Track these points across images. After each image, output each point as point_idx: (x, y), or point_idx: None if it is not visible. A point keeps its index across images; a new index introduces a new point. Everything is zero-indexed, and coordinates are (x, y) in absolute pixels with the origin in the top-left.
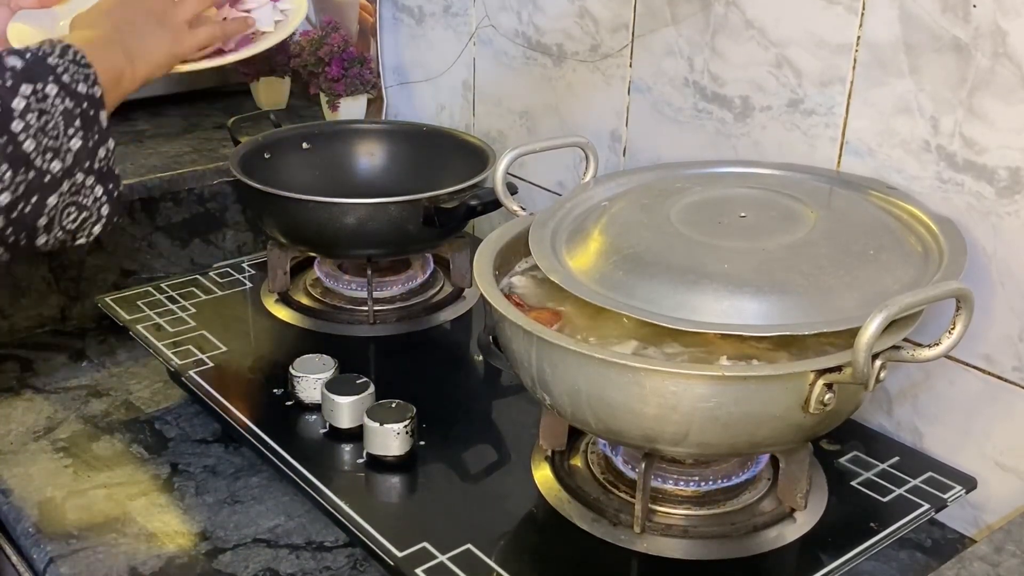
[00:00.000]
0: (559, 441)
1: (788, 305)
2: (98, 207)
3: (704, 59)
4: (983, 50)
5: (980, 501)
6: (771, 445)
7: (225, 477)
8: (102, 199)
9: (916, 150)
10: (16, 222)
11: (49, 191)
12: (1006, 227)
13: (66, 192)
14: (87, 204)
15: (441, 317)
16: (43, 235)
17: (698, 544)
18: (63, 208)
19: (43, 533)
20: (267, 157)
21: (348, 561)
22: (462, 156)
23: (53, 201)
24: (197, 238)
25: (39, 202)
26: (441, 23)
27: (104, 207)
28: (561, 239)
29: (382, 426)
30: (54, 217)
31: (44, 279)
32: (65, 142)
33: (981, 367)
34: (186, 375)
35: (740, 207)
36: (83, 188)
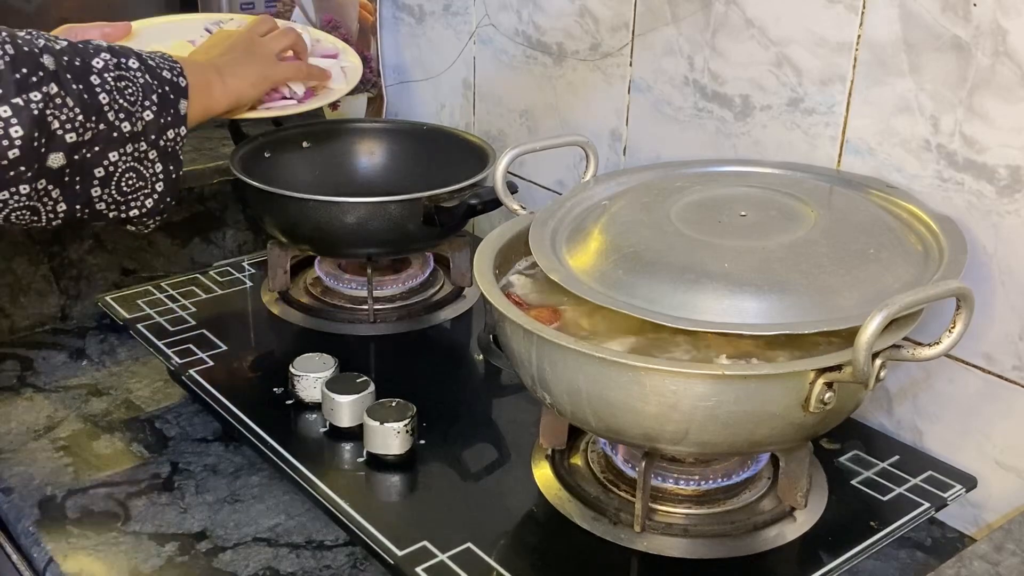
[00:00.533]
0: (559, 440)
1: (788, 304)
2: (154, 181)
3: (704, 58)
4: (983, 49)
5: (980, 500)
6: (771, 444)
7: (225, 476)
8: (159, 175)
9: (916, 149)
10: (76, 164)
11: (114, 146)
12: (1006, 226)
13: (128, 154)
14: (146, 175)
15: (441, 316)
16: (98, 187)
17: (698, 543)
18: (124, 169)
19: (43, 532)
20: (267, 156)
21: (348, 560)
22: (462, 155)
23: (114, 157)
24: (197, 237)
25: (101, 152)
26: (441, 22)
27: (159, 183)
28: (561, 238)
29: (382, 425)
30: (112, 173)
31: (44, 278)
32: (140, 109)
33: (981, 366)
34: (186, 374)
35: (740, 206)
36: (145, 158)
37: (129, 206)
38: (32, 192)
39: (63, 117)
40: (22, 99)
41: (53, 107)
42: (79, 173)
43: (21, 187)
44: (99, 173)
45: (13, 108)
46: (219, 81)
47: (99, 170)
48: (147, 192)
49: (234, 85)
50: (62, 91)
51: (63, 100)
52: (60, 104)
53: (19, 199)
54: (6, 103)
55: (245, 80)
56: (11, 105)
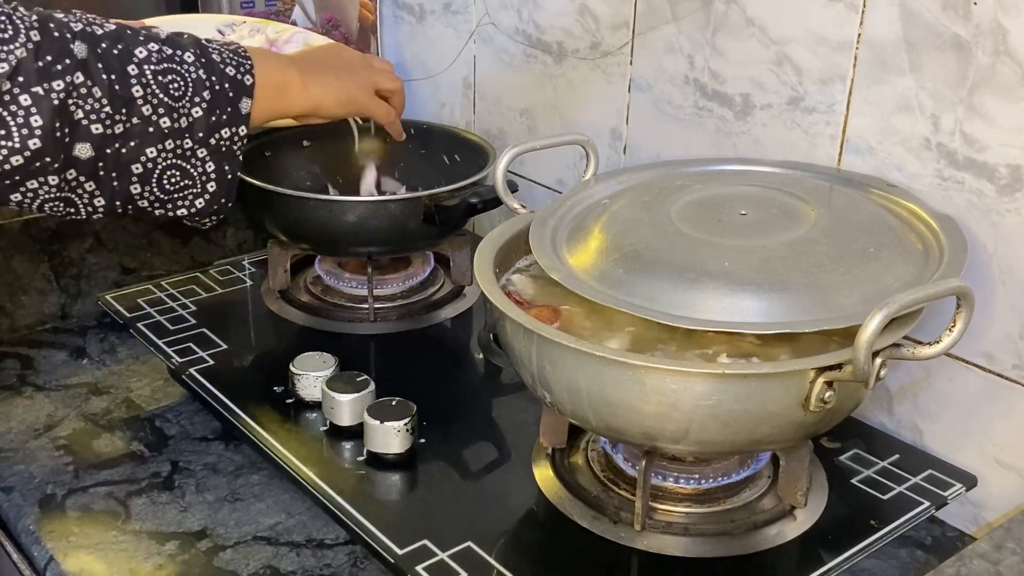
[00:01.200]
0: (559, 439)
1: (788, 303)
2: (203, 180)
3: (704, 57)
4: (984, 48)
5: (980, 499)
6: (771, 443)
7: (225, 475)
8: (211, 174)
9: (916, 148)
10: (108, 158)
11: (151, 142)
12: (1007, 225)
13: (169, 151)
14: (193, 173)
15: (442, 315)
16: (137, 183)
17: (698, 542)
18: (165, 167)
19: (43, 530)
20: (267, 155)
21: (348, 559)
22: (462, 154)
23: (152, 153)
24: (198, 235)
25: (137, 148)
26: (441, 21)
27: (211, 183)
28: (561, 237)
29: (382, 424)
30: (152, 170)
31: (44, 276)
32: (186, 105)
33: (981, 365)
34: (186, 373)
35: (740, 205)
36: (192, 156)
37: (176, 205)
38: (63, 183)
39: (87, 107)
40: (43, 88)
41: (77, 96)
42: (115, 168)
43: (50, 178)
44: (137, 169)
45: (33, 97)
46: (299, 84)
47: (137, 166)
48: (196, 191)
49: (316, 93)
50: (89, 80)
51: (89, 90)
52: (85, 94)
53: (49, 190)
54: (26, 92)
55: (329, 91)
56: (31, 94)
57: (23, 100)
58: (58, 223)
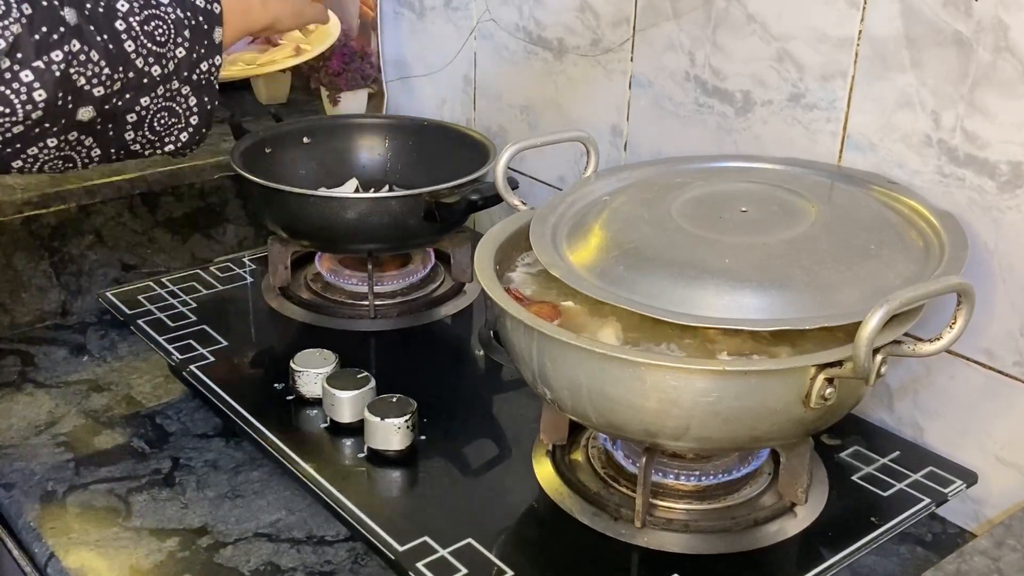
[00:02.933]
0: (560, 435)
1: (789, 300)
2: (187, 115)
3: (705, 53)
4: (985, 44)
5: (981, 496)
6: (772, 440)
7: (226, 471)
8: (193, 108)
9: (917, 144)
10: (107, 114)
11: (144, 92)
12: (1007, 222)
13: (160, 96)
14: (178, 111)
15: (442, 312)
16: (131, 131)
17: (699, 538)
18: (156, 111)
19: (44, 527)
20: (268, 152)
21: (349, 555)
22: (463, 151)
23: (146, 102)
24: (198, 233)
25: (132, 100)
26: (442, 17)
27: (194, 117)
28: (562, 234)
29: (383, 421)
30: (144, 117)
31: (45, 273)
32: (171, 49)
33: (982, 362)
34: (187, 370)
35: (741, 202)
36: (178, 95)
37: (164, 143)
38: (63, 143)
39: (88, 73)
40: (43, 61)
41: (77, 64)
42: (111, 121)
43: (49, 140)
44: (131, 119)
45: (35, 72)
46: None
47: (131, 115)
48: (181, 127)
49: (273, 8)
50: (85, 46)
51: (87, 56)
52: (84, 60)
53: (49, 152)
54: (27, 67)
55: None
56: (32, 69)
57: (24, 76)
58: (59, 220)
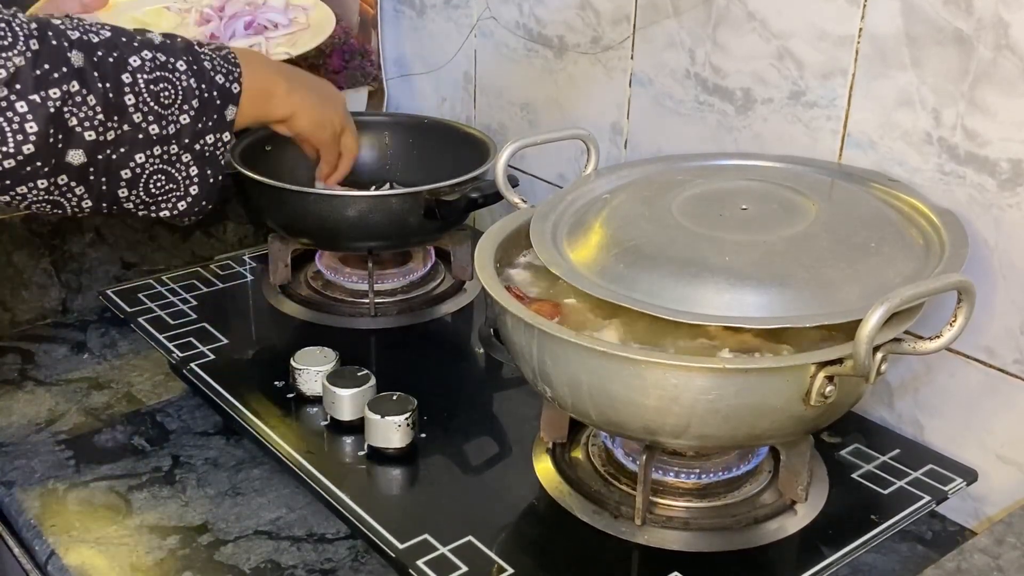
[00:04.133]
0: (560, 433)
1: (789, 297)
2: (187, 184)
3: (705, 51)
4: (985, 42)
5: (981, 493)
6: (772, 437)
7: (226, 469)
8: (194, 178)
9: (918, 142)
10: (99, 163)
11: (139, 148)
12: (1008, 219)
13: (156, 156)
14: (177, 177)
15: (442, 310)
16: (124, 188)
17: (699, 536)
18: (151, 172)
19: (45, 525)
20: (268, 149)
21: (349, 553)
22: (463, 148)
23: (140, 159)
24: (198, 230)
25: (127, 154)
26: (442, 15)
27: (194, 187)
28: (562, 232)
29: (383, 418)
30: (139, 175)
31: (45, 271)
32: (175, 112)
33: (982, 360)
34: (187, 367)
35: (741, 200)
36: (177, 161)
37: (160, 207)
38: (52, 187)
39: (82, 115)
40: (39, 96)
41: (72, 104)
42: (104, 173)
43: (39, 182)
44: (126, 175)
45: (30, 104)
46: (283, 92)
47: (126, 172)
48: (179, 195)
49: (296, 102)
50: (84, 88)
51: (84, 98)
52: (80, 102)
53: (38, 193)
54: (23, 99)
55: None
56: (28, 101)
57: (19, 107)
58: (59, 218)
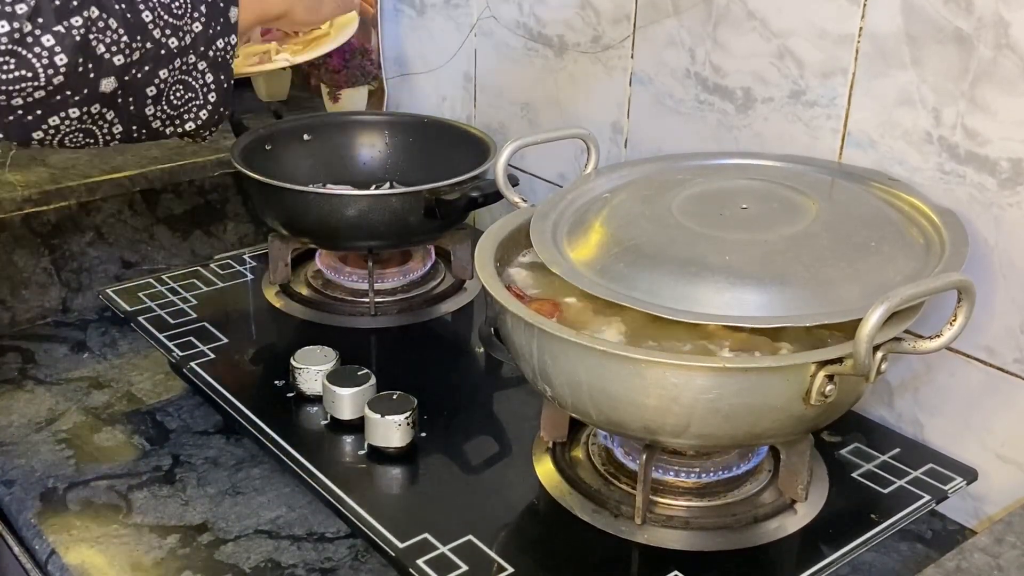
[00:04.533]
0: (560, 433)
1: (789, 296)
2: (205, 92)
3: (706, 50)
4: (985, 41)
5: (981, 492)
6: (772, 437)
7: (226, 468)
8: (211, 84)
9: (918, 141)
10: (128, 85)
11: (163, 64)
12: (1008, 219)
13: (177, 69)
14: (195, 86)
15: (442, 309)
16: (151, 105)
17: (699, 535)
18: (173, 83)
19: (45, 524)
20: (268, 149)
21: (350, 552)
22: (463, 148)
23: (164, 74)
24: (198, 230)
25: (151, 72)
26: (442, 14)
27: (212, 94)
28: (562, 231)
29: (383, 418)
30: (163, 90)
31: (45, 270)
32: (188, 22)
33: (982, 359)
34: (187, 367)
35: (742, 199)
36: (194, 70)
37: (183, 119)
38: (84, 115)
39: (108, 40)
40: (63, 26)
41: (96, 30)
42: (132, 94)
43: (71, 111)
44: (151, 92)
45: (56, 36)
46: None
47: (151, 88)
48: (199, 104)
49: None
50: (104, 13)
51: (106, 23)
52: (103, 27)
53: (70, 123)
54: (48, 31)
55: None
56: (53, 33)
57: (45, 40)
58: (59, 217)
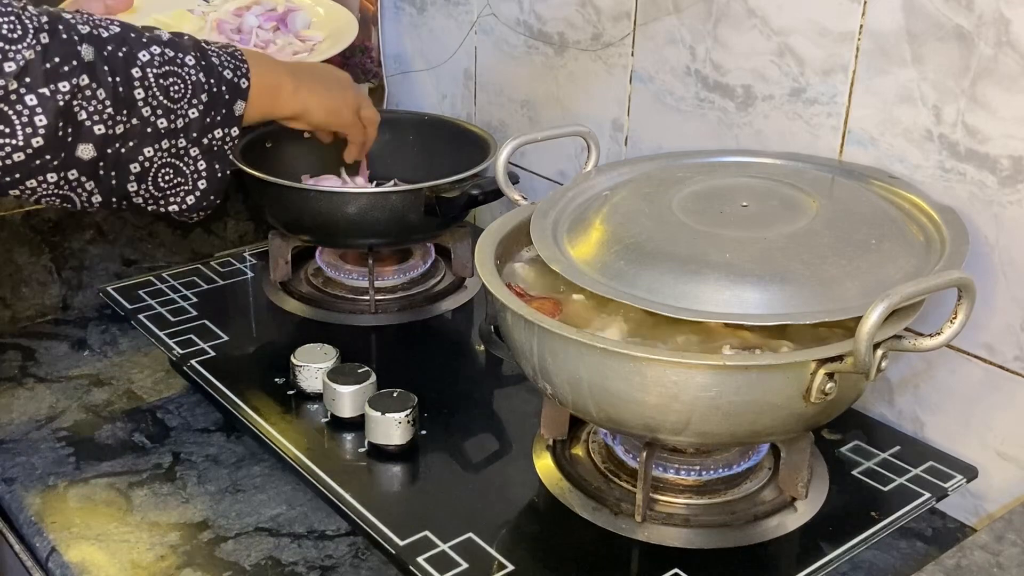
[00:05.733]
0: (560, 430)
1: (790, 294)
2: (195, 178)
3: (706, 48)
4: (986, 39)
5: (981, 490)
6: (772, 434)
7: (227, 466)
8: (202, 172)
9: (918, 139)
10: (108, 157)
11: (148, 141)
12: (1008, 216)
13: (164, 150)
14: (185, 171)
15: (443, 307)
16: (134, 182)
17: (699, 533)
18: (160, 165)
19: (45, 522)
20: (268, 146)
21: (350, 550)
22: (463, 145)
23: (149, 153)
24: (199, 227)
25: (135, 148)
26: (442, 12)
27: (202, 181)
28: (562, 228)
29: (384, 415)
30: (148, 169)
31: (46, 268)
32: (184, 107)
33: (983, 356)
34: (188, 364)
35: (742, 196)
36: (185, 156)
37: (168, 201)
38: (62, 181)
39: (91, 108)
40: (49, 89)
41: (82, 98)
42: (114, 167)
43: (48, 176)
44: (135, 168)
45: (39, 97)
46: (291, 88)
47: (135, 165)
48: (188, 189)
49: (304, 98)
50: (94, 83)
51: (93, 92)
52: (90, 96)
53: (47, 187)
54: (33, 92)
55: (317, 99)
56: (37, 94)
57: (29, 100)
58: (59, 215)
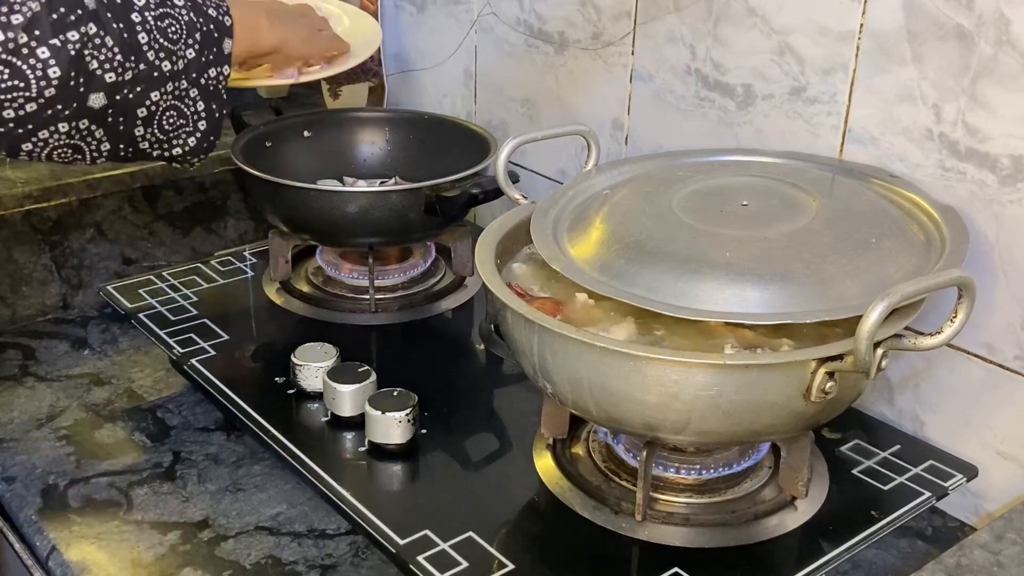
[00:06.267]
0: (560, 429)
1: (790, 293)
2: (195, 119)
3: (706, 47)
4: (986, 37)
5: (981, 489)
6: (772, 433)
7: (227, 465)
8: (201, 112)
9: (919, 138)
10: (118, 104)
11: (154, 86)
12: (1008, 215)
13: (169, 93)
14: (187, 112)
15: (443, 306)
16: (140, 126)
17: (699, 532)
18: (165, 108)
19: (46, 521)
20: (268, 145)
21: (350, 549)
22: (464, 144)
23: (155, 96)
24: (199, 226)
25: (142, 93)
26: (443, 11)
27: (202, 122)
28: (563, 227)
29: (384, 414)
30: (154, 112)
31: (46, 267)
32: (181, 48)
33: (983, 355)
34: (188, 363)
35: (742, 195)
36: (186, 96)
37: (172, 144)
38: (73, 131)
39: (102, 57)
40: (59, 40)
41: (92, 47)
42: (122, 113)
43: (60, 125)
44: (141, 113)
45: (51, 49)
46: (266, 22)
47: (141, 110)
48: (189, 130)
49: (279, 29)
50: (101, 30)
51: (102, 40)
52: (99, 44)
53: (59, 137)
54: (44, 44)
55: (290, 29)
56: (49, 46)
57: (41, 53)
58: (60, 214)
